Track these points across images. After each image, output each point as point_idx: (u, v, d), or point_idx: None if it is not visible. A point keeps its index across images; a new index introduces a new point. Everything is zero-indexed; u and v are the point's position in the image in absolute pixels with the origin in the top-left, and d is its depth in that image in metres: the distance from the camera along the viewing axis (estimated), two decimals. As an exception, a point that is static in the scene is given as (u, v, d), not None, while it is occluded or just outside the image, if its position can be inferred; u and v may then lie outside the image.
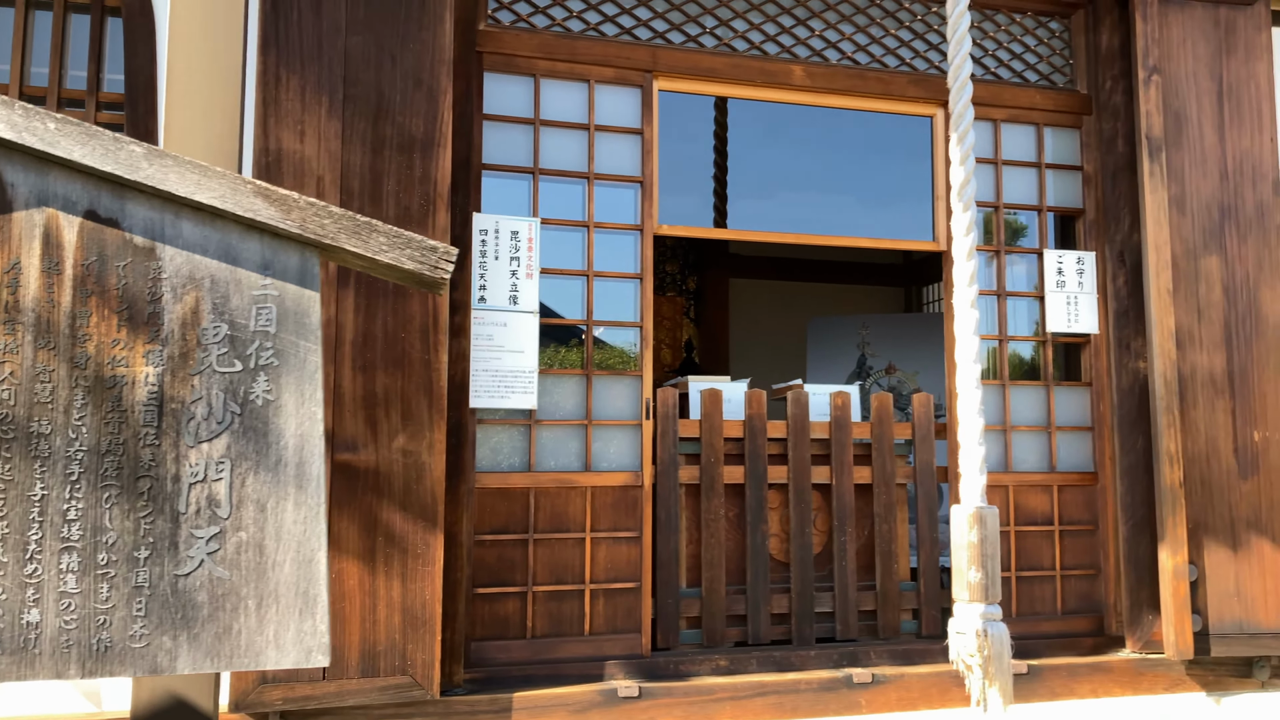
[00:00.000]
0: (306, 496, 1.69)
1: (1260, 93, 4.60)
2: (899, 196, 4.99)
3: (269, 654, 1.66)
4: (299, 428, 1.72)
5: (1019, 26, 4.74)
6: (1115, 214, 4.58)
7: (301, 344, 1.76)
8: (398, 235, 1.83)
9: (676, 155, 5.17)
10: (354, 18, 3.59)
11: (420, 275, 1.84)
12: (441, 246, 1.89)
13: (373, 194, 3.54)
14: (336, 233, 1.79)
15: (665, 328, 10.42)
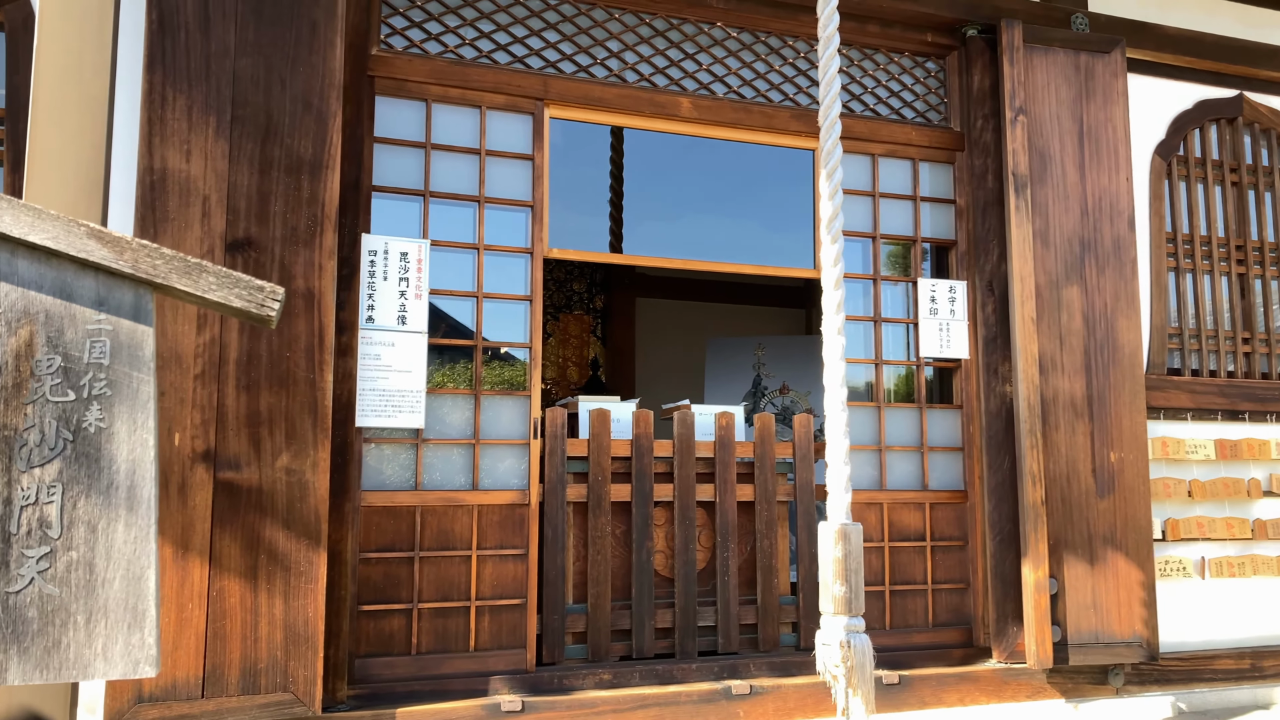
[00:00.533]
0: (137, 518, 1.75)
1: (1117, 135, 4.91)
2: (787, 224, 5.18)
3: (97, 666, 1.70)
4: (131, 453, 1.77)
5: (897, 66, 4.98)
6: (985, 245, 4.84)
7: (135, 375, 1.82)
8: (226, 275, 1.90)
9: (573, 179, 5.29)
10: (243, 40, 3.62)
11: (248, 312, 1.92)
12: (269, 286, 1.97)
13: (259, 214, 3.57)
14: (169, 272, 1.86)
15: (572, 345, 10.53)
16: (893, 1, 4.76)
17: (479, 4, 4.31)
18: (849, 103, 4.88)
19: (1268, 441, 5.20)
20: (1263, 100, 5.55)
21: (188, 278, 1.87)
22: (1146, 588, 4.67)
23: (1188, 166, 5.36)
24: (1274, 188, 5.54)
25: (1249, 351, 5.36)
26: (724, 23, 4.68)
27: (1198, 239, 5.32)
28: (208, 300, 1.99)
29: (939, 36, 4.96)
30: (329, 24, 3.74)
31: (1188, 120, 5.37)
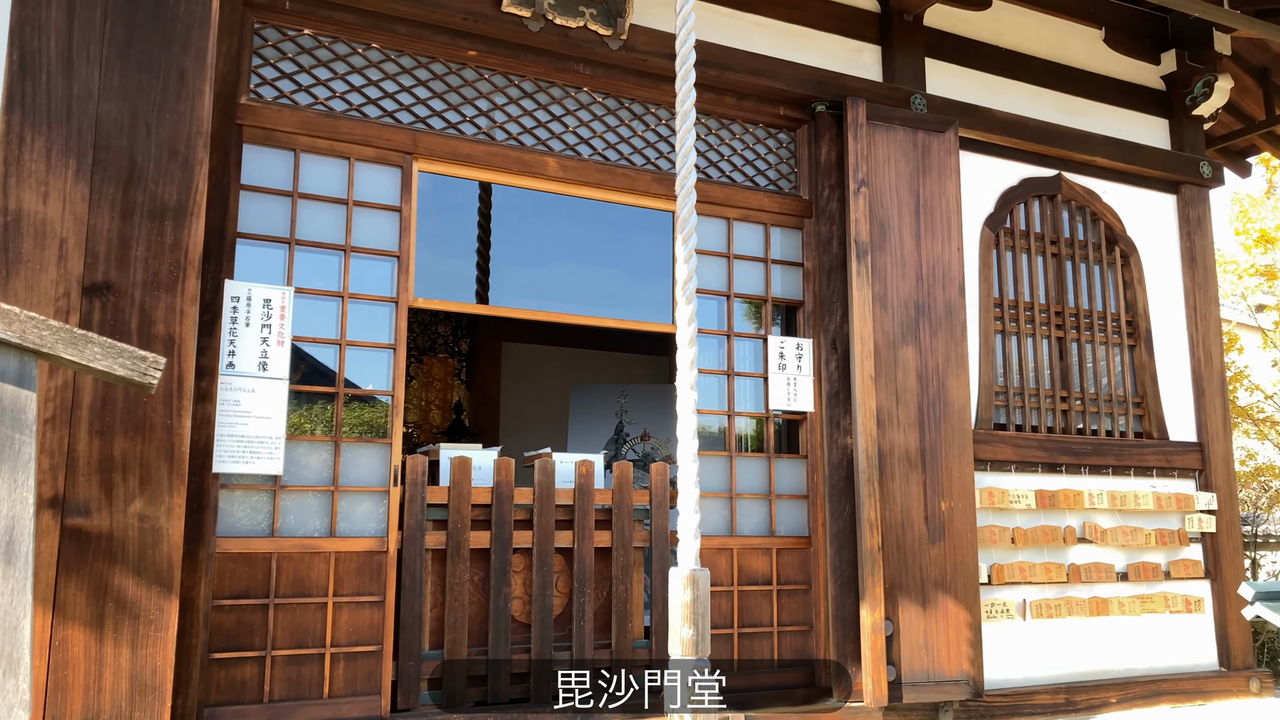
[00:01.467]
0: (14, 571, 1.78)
1: (950, 208, 5.34)
2: (649, 278, 5.40)
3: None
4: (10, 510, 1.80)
5: (752, 136, 5.30)
6: (830, 306, 5.16)
7: (17, 437, 1.86)
8: (111, 346, 1.97)
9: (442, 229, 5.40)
10: (108, 84, 3.62)
11: (131, 380, 1.98)
12: (151, 356, 2.04)
13: (120, 259, 3.56)
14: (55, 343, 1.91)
15: (436, 389, 10.51)
16: (748, 77, 5.07)
17: (350, 59, 4.40)
18: (707, 169, 5.16)
19: (1082, 492, 5.67)
20: (1079, 180, 6.11)
21: (73, 348, 1.92)
22: (973, 629, 5.01)
23: (1013, 238, 5.85)
24: (1088, 259, 6.09)
25: (1066, 409, 5.85)
26: (590, 88, 4.90)
27: (1022, 304, 5.80)
28: (91, 369, 2.02)
29: (790, 110, 5.31)
30: (198, 72, 3.77)
31: (1014, 196, 5.87)
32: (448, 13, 4.44)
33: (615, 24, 4.73)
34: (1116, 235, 6.18)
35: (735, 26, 5.15)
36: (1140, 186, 6.34)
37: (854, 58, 5.45)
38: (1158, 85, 6.58)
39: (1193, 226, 6.39)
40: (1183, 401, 6.19)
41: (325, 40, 4.36)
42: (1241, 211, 10.17)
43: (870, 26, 5.54)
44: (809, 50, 5.32)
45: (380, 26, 4.41)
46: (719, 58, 5.01)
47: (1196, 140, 6.58)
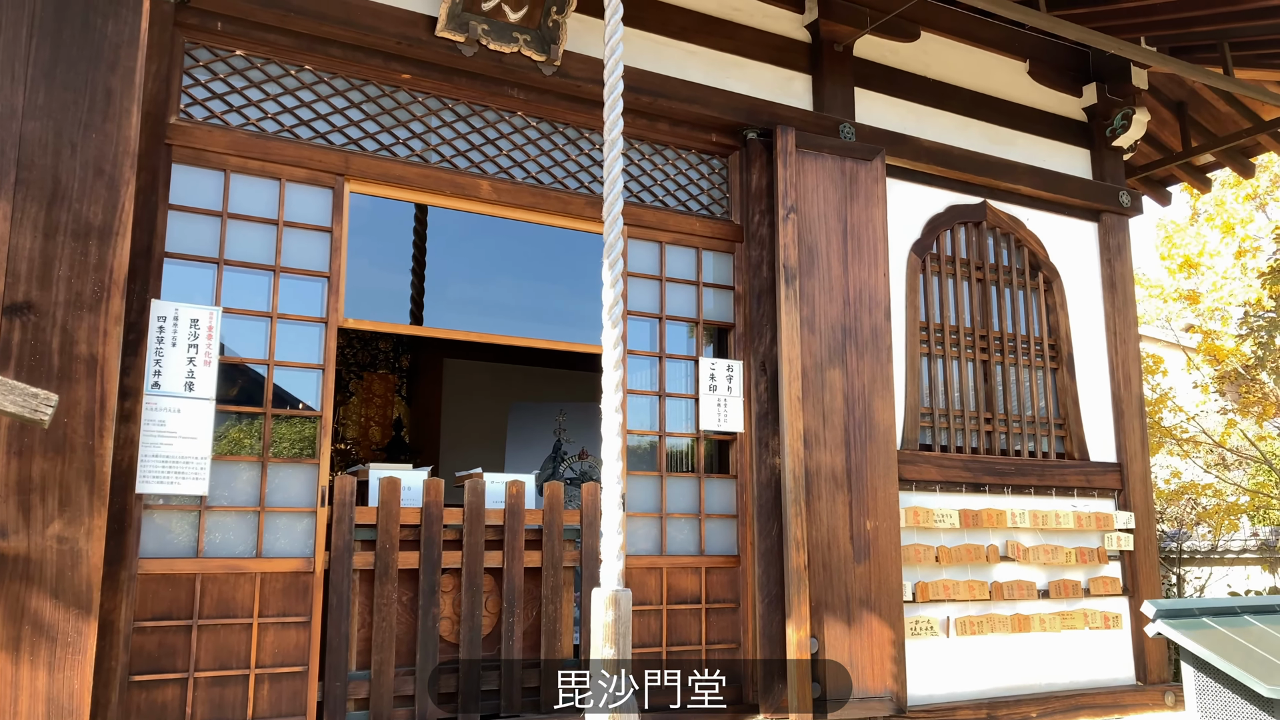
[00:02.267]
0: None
1: (876, 234, 5.47)
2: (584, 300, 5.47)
3: None
4: None
5: (684, 162, 5.39)
6: (760, 329, 5.26)
7: None
8: (3, 383, 1.98)
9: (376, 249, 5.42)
10: (33, 103, 3.61)
11: (22, 416, 2.00)
12: (42, 394, 2.06)
13: (42, 278, 3.54)
14: None
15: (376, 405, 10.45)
16: (681, 104, 5.17)
17: (283, 80, 4.42)
18: (640, 193, 5.24)
19: (1005, 511, 5.82)
20: (1004, 208, 6.29)
21: (-39, 385, 1.93)
22: (897, 645, 5.12)
23: (940, 263, 6.00)
24: (1013, 284, 6.27)
25: (990, 430, 6.00)
26: (524, 112, 4.96)
27: (948, 328, 5.95)
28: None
29: (722, 137, 5.41)
30: (125, 92, 3.77)
31: (940, 222, 6.03)
32: (382, 36, 4.48)
33: (549, 50, 4.80)
34: (1040, 261, 6.37)
35: (669, 54, 5.26)
36: (1063, 214, 6.54)
37: (785, 86, 5.58)
38: (1080, 117, 6.81)
39: (1113, 253, 6.61)
40: (1103, 423, 6.39)
41: (258, 61, 4.37)
42: (1166, 238, 10.51)
43: (801, 56, 5.68)
44: (741, 79, 5.43)
45: (314, 49, 4.44)
46: (653, 85, 5.11)
47: (1117, 170, 6.81)
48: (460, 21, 4.61)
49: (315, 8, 4.32)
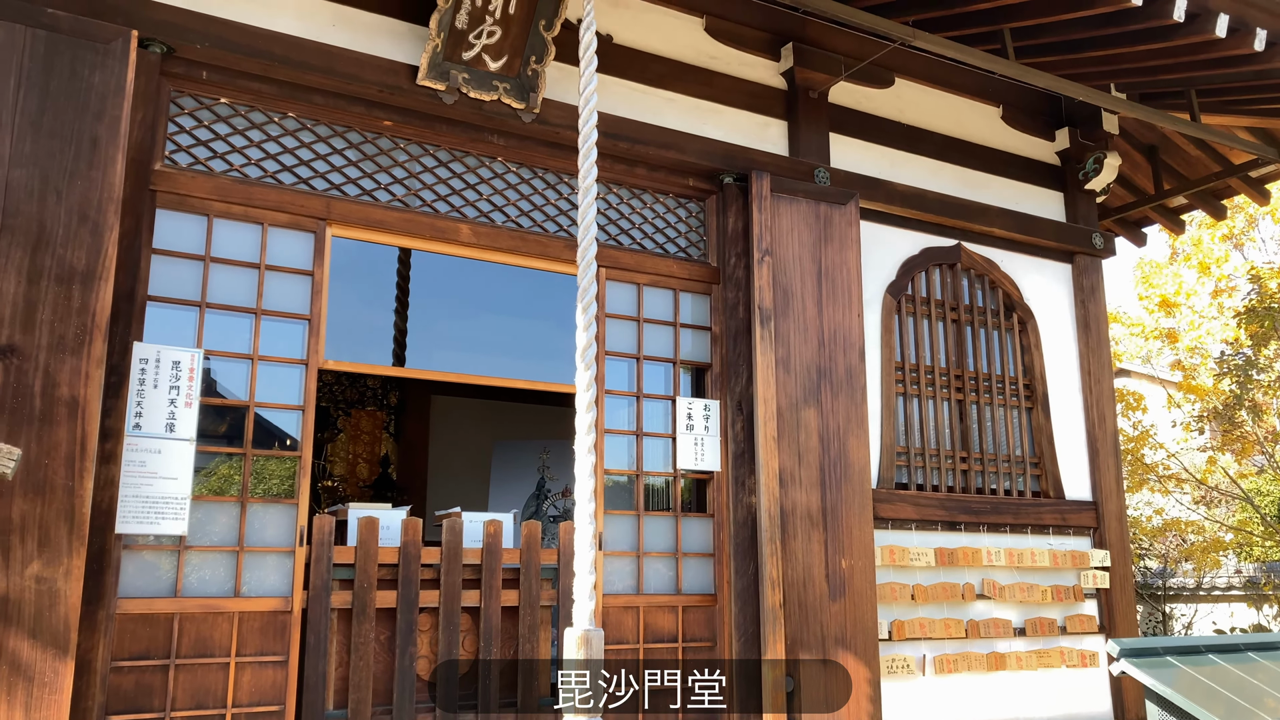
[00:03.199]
0: None
1: (850, 276, 5.58)
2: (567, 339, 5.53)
3: None
4: None
5: (662, 205, 5.50)
6: (736, 369, 5.35)
7: None
8: None
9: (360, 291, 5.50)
10: (19, 151, 3.71)
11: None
12: (6, 447, 2.14)
13: (25, 322, 3.61)
14: None
15: (364, 442, 10.48)
16: (658, 150, 5.28)
17: (266, 127, 4.53)
18: (619, 236, 5.34)
19: (981, 550, 5.88)
20: (977, 250, 6.41)
21: (-71, 438, 2.00)
22: (873, 684, 5.16)
23: (915, 304, 6.11)
24: (988, 325, 6.37)
25: (966, 469, 6.08)
26: (504, 157, 5.07)
27: (923, 368, 6.04)
28: None
29: (700, 182, 5.53)
30: (111, 140, 3.87)
31: (915, 264, 6.14)
32: (364, 85, 4.59)
33: (528, 98, 4.91)
34: (1014, 302, 6.48)
35: (647, 102, 5.38)
36: (1037, 256, 6.66)
37: (761, 132, 5.70)
38: (1053, 160, 6.95)
39: (1086, 294, 6.72)
40: (1078, 461, 6.47)
41: (241, 109, 4.48)
42: (1144, 277, 10.65)
43: (777, 103, 5.81)
44: (718, 125, 5.56)
45: (297, 96, 4.55)
46: (631, 132, 5.22)
47: (1090, 213, 6.94)
48: (441, 70, 4.72)
49: (298, 57, 4.43)
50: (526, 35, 4.85)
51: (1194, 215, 9.02)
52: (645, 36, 5.49)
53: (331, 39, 4.58)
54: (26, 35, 3.78)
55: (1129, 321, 10.71)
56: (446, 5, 4.62)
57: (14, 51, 3.75)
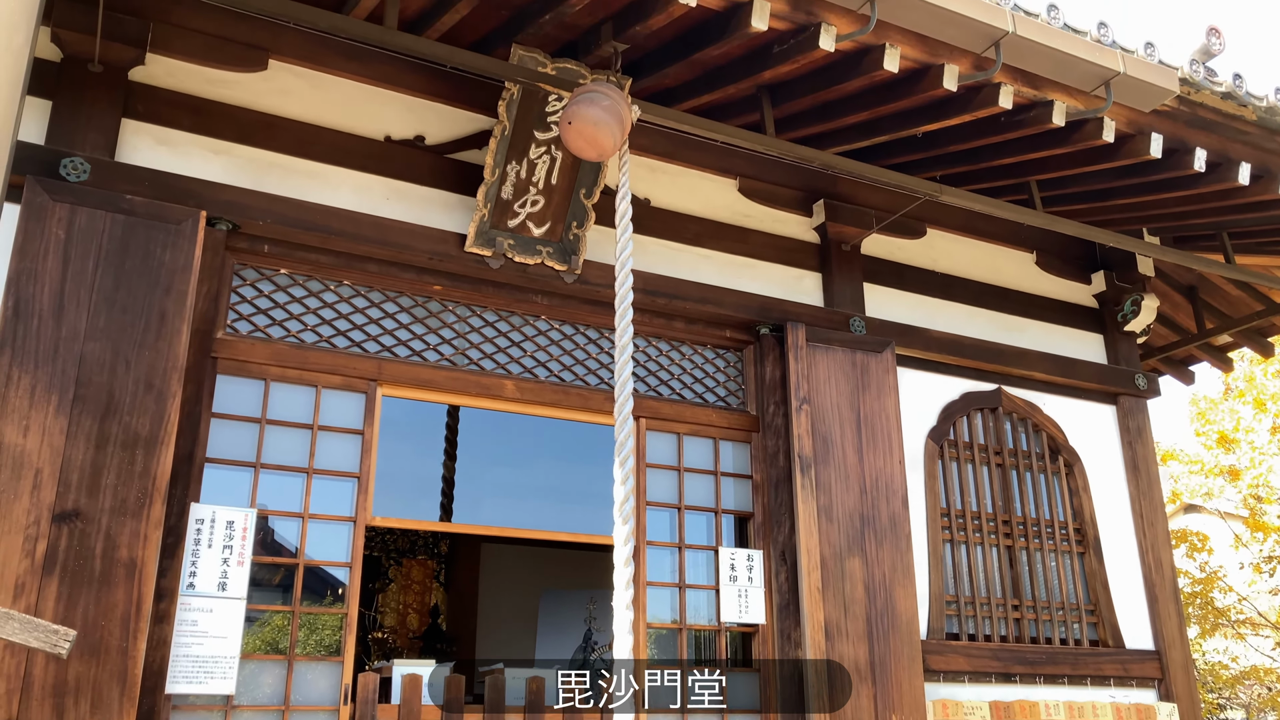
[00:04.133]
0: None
1: (890, 423, 5.63)
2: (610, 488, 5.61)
3: None
4: None
5: (700, 356, 5.65)
6: (778, 518, 5.37)
7: None
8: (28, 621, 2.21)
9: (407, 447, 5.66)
10: (94, 326, 3.97)
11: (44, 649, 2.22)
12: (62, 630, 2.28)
13: (91, 487, 3.80)
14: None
15: (414, 591, 10.53)
16: (695, 304, 5.47)
17: (323, 294, 4.79)
18: (658, 387, 5.48)
19: (1038, 703, 5.69)
20: (1018, 393, 6.43)
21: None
22: None
23: (957, 449, 6.11)
24: (1033, 469, 6.33)
25: (1019, 617, 5.95)
26: (547, 316, 5.28)
27: (969, 514, 6.00)
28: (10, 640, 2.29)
29: (737, 333, 5.68)
30: (177, 313, 4.13)
31: (955, 409, 6.17)
32: (415, 253, 4.86)
33: (570, 260, 5.15)
34: (1059, 445, 6.45)
35: (684, 259, 5.60)
36: (1079, 398, 6.66)
37: (795, 284, 5.88)
38: (1090, 303, 7.02)
39: (1133, 436, 6.67)
40: (1137, 608, 6.29)
41: (300, 278, 4.75)
42: (1199, 413, 10.51)
43: (810, 256, 6.01)
44: (753, 278, 5.75)
45: (352, 265, 4.82)
46: (668, 287, 5.42)
47: (1131, 354, 6.95)
48: (488, 238, 4.99)
49: (354, 230, 4.72)
50: (568, 203, 5.12)
51: (1242, 352, 8.95)
52: (682, 199, 5.75)
53: (386, 212, 4.88)
54: (107, 220, 4.10)
55: (1186, 459, 10.51)
56: (493, 178, 4.92)
57: (95, 236, 4.07)
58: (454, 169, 5.11)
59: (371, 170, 4.94)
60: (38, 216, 3.98)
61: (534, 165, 4.99)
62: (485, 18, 4.66)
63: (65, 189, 4.09)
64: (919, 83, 4.69)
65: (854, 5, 4.25)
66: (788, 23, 4.31)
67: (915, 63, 4.57)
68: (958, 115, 4.92)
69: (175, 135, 4.55)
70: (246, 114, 4.73)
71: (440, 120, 5.17)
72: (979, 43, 4.49)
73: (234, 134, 4.67)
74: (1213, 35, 5.20)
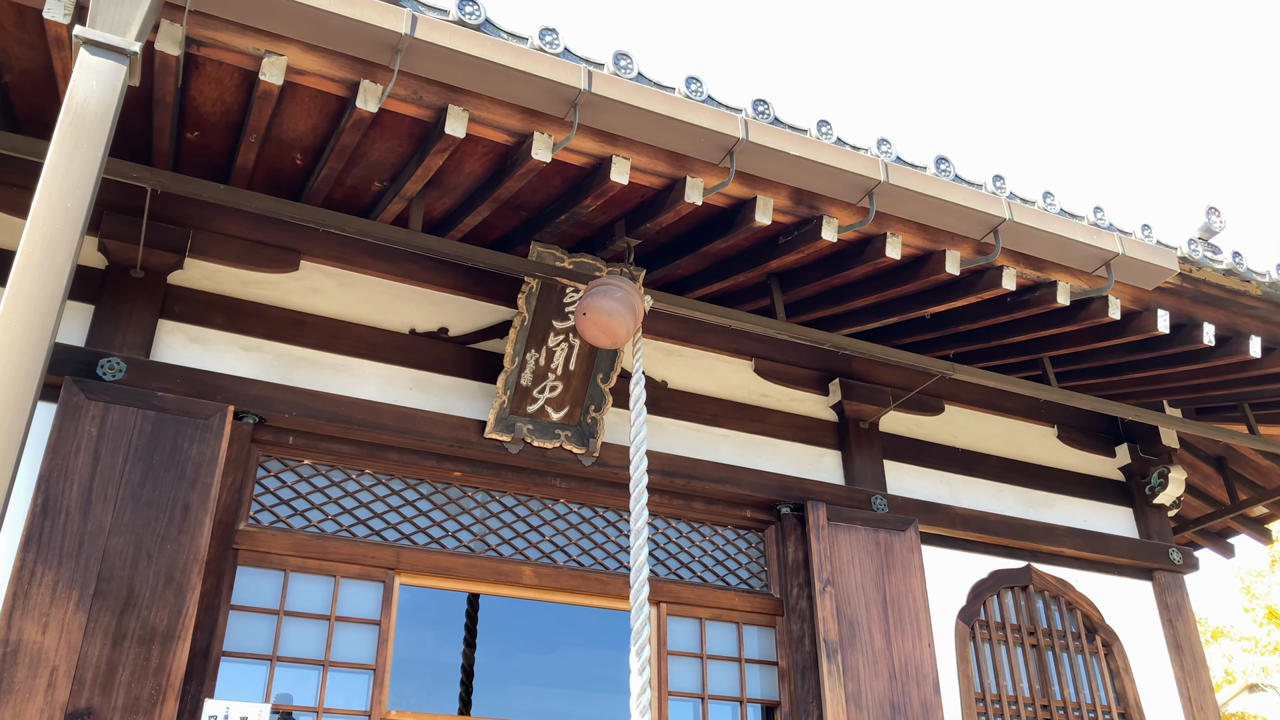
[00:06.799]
0: None
1: (917, 604, 5.52)
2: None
3: None
4: None
5: (721, 538, 5.63)
6: (806, 706, 5.20)
7: None
8: None
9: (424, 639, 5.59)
10: (119, 520, 4.06)
11: None
12: None
13: (105, 684, 3.79)
14: None
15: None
16: (714, 485, 5.49)
17: (344, 484, 4.87)
18: (678, 570, 5.44)
19: None
20: (1049, 570, 6.30)
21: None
22: None
23: (989, 630, 5.95)
24: (1069, 649, 6.13)
25: (1066, 811, 5.64)
26: (566, 499, 5.32)
27: (1005, 698, 5.78)
28: None
29: (757, 513, 5.67)
30: (201, 505, 4.22)
31: (985, 588, 6.04)
32: (436, 441, 4.96)
33: (588, 444, 5.23)
34: (1095, 624, 6.26)
35: (702, 439, 5.66)
36: (1113, 574, 6.51)
37: (815, 462, 5.90)
38: (1117, 476, 6.95)
39: (1173, 613, 6.47)
40: (1193, 799, 5.95)
41: (322, 469, 4.85)
42: (1245, 587, 10.17)
43: (829, 434, 6.05)
44: (772, 458, 5.78)
45: (374, 455, 4.92)
46: (686, 468, 5.46)
47: (1163, 528, 6.83)
48: (507, 424, 5.10)
49: (377, 420, 4.85)
50: (586, 388, 5.24)
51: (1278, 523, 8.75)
52: (699, 380, 5.87)
53: (409, 401, 5.02)
54: (138, 417, 4.26)
55: (1239, 636, 10.10)
56: (513, 366, 5.07)
57: (126, 432, 4.21)
58: (475, 358, 5.28)
59: (396, 362, 5.11)
60: (73, 415, 4.13)
61: (552, 353, 5.14)
62: (505, 218, 4.92)
63: (100, 388, 4.26)
64: (923, 267, 4.85)
65: (854, 199, 4.45)
66: (791, 216, 4.51)
67: (917, 249, 4.73)
68: (964, 297, 5.05)
69: (209, 334, 4.76)
70: (277, 312, 4.95)
71: (463, 313, 5.38)
72: (978, 229, 4.65)
73: (264, 331, 4.88)
74: (1213, 214, 5.36)
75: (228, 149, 4.52)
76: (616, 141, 4.10)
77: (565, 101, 3.88)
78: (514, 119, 3.94)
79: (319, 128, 4.30)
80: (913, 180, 4.43)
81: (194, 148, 4.53)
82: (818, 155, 4.27)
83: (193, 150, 4.55)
